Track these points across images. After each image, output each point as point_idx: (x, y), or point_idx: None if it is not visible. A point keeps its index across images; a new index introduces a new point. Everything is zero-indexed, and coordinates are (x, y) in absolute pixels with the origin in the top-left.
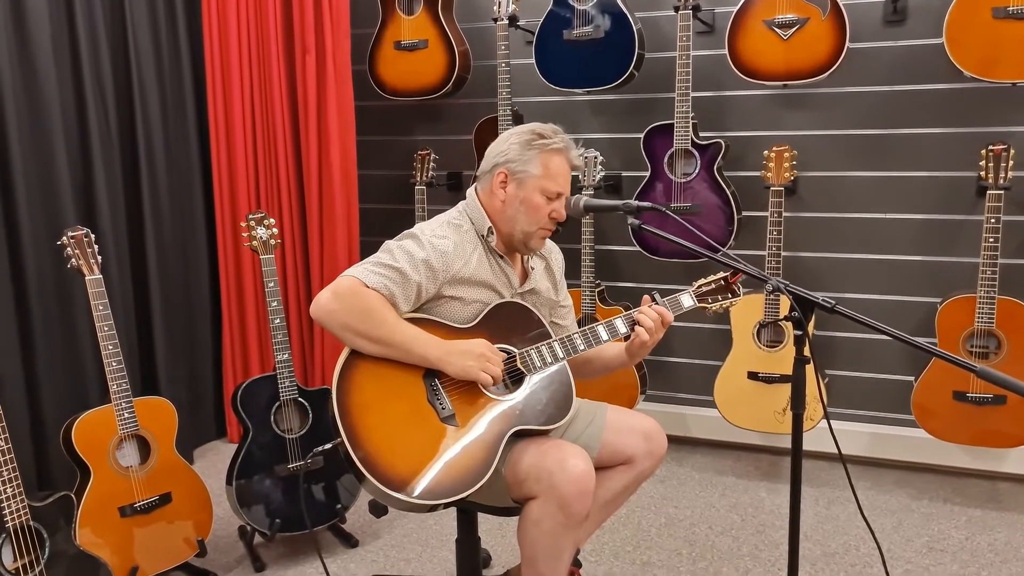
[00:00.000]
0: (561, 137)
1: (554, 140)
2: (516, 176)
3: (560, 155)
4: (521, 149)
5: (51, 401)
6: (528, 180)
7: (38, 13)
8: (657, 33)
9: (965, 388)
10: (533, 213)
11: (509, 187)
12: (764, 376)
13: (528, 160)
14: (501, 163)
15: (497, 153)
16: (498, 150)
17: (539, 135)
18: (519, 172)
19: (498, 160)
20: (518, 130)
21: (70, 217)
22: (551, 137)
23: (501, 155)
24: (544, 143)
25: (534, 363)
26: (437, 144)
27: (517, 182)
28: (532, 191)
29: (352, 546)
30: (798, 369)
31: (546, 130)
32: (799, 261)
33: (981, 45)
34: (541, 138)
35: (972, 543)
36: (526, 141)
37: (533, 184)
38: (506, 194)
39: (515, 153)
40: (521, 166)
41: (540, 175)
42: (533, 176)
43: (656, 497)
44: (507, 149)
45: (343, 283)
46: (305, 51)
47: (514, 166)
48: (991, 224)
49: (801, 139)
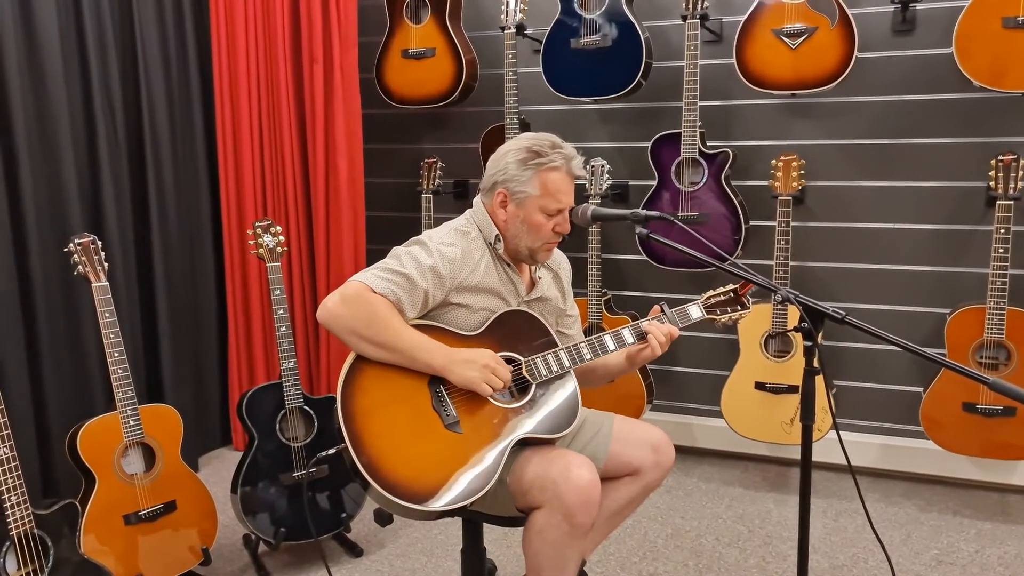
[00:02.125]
0: (559, 152)
1: (551, 157)
2: (515, 197)
3: (558, 171)
4: (518, 168)
5: (56, 408)
6: (527, 200)
7: (47, 21)
8: (665, 42)
9: (975, 400)
10: (536, 231)
11: (509, 207)
12: (772, 386)
13: (526, 180)
14: (500, 182)
15: (496, 171)
16: (496, 167)
17: (535, 153)
18: (518, 192)
19: (497, 179)
20: (515, 145)
21: (77, 224)
22: (548, 154)
23: (500, 173)
24: (540, 162)
25: (540, 372)
26: (444, 152)
27: (516, 202)
28: (532, 211)
29: (357, 555)
30: (808, 381)
31: (543, 146)
32: (807, 271)
33: (991, 55)
34: (537, 156)
35: (982, 556)
36: (522, 160)
37: (532, 204)
38: (507, 213)
39: (512, 172)
40: (519, 186)
41: (539, 195)
42: (532, 196)
43: (663, 508)
44: (504, 167)
45: (351, 287)
46: (313, 60)
47: (512, 186)
48: (1001, 235)
49: (809, 148)
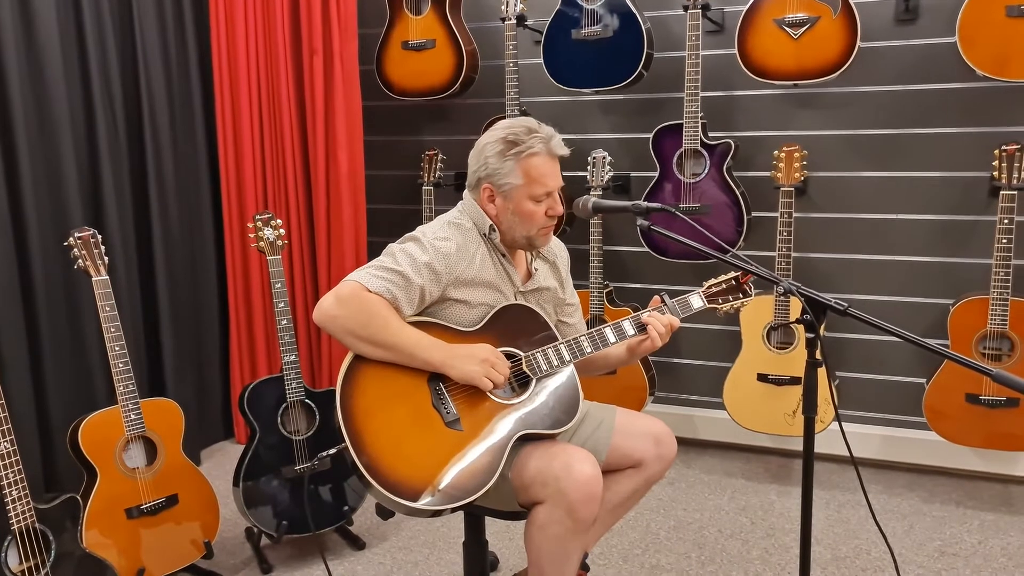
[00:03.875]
0: (535, 136)
1: (528, 143)
2: (501, 189)
3: (539, 156)
4: (498, 161)
5: (58, 402)
6: (513, 191)
7: (46, 16)
8: (666, 32)
9: (978, 391)
10: (528, 219)
11: (497, 200)
12: (774, 378)
13: (508, 172)
14: (483, 177)
15: (478, 166)
16: (477, 162)
17: (512, 142)
18: (503, 185)
19: (480, 174)
20: (491, 138)
21: (77, 217)
22: (525, 140)
23: (482, 168)
24: (519, 151)
25: (540, 366)
26: (445, 144)
27: (504, 195)
28: (521, 200)
29: (359, 548)
30: (810, 373)
31: (519, 133)
32: (809, 262)
33: (994, 44)
34: (515, 145)
35: (985, 547)
36: (500, 152)
37: (520, 194)
38: (496, 207)
39: (494, 165)
40: (502, 179)
41: (524, 183)
42: (517, 186)
43: (665, 500)
44: (484, 162)
45: (346, 288)
46: (313, 52)
47: (496, 179)
48: (1004, 225)
49: (811, 139)
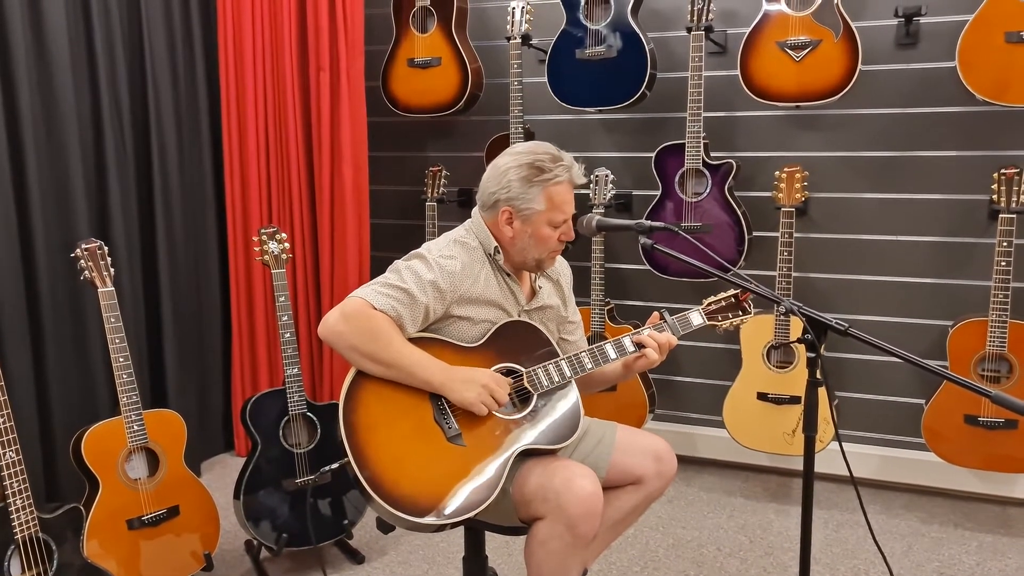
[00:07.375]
0: (560, 165)
1: (555, 172)
2: (521, 213)
3: (563, 184)
4: (522, 186)
5: (61, 412)
6: (534, 216)
7: (56, 28)
8: (669, 53)
9: (976, 412)
10: (543, 243)
11: (516, 223)
12: (774, 397)
13: (532, 198)
14: (503, 200)
15: (498, 187)
16: (498, 183)
17: (539, 168)
18: (524, 209)
19: (500, 196)
20: (516, 162)
21: (84, 229)
22: (551, 168)
23: (503, 191)
24: (546, 178)
25: (541, 382)
26: (449, 161)
27: (523, 219)
28: (540, 225)
29: (359, 562)
30: (811, 392)
31: (545, 161)
32: (809, 282)
33: (994, 69)
34: (541, 172)
35: (983, 569)
36: (525, 178)
37: (540, 219)
38: (513, 230)
39: (516, 190)
40: (525, 203)
41: (546, 209)
42: (539, 212)
43: (664, 517)
44: (507, 185)
45: (351, 304)
46: (319, 68)
47: (518, 203)
48: (1003, 248)
49: (812, 160)
